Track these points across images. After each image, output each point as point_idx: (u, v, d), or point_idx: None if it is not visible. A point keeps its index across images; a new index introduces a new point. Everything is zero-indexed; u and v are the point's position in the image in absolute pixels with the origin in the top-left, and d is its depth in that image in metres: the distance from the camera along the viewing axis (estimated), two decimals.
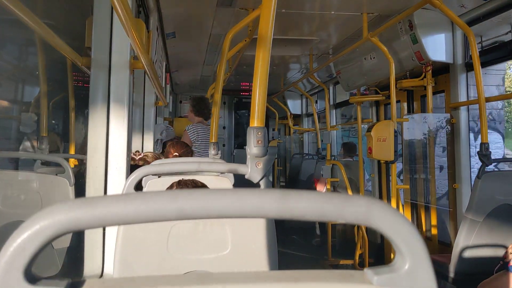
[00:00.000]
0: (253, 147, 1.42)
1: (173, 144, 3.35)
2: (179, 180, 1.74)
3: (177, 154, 3.18)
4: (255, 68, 1.47)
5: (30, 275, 0.47)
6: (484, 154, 2.96)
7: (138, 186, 1.73)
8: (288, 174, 9.02)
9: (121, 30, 2.08)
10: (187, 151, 3.27)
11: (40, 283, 0.47)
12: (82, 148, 3.06)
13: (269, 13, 1.43)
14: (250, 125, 1.45)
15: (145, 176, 1.61)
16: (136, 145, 4.19)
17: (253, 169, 1.41)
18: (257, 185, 1.49)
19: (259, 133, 1.43)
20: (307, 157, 8.19)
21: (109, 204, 0.46)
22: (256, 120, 1.44)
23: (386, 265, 0.54)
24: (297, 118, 9.07)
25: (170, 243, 1.41)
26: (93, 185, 2.17)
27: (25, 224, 0.46)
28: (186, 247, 1.42)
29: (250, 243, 1.48)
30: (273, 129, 9.30)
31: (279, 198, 0.48)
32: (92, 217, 0.46)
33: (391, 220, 0.49)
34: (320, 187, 6.35)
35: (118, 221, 0.46)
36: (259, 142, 1.42)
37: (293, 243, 6.48)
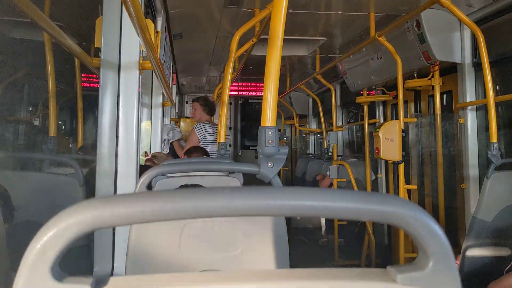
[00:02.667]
0: (264, 147, 1.42)
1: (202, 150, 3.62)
2: (181, 186, 1.73)
3: (205, 156, 3.46)
4: (266, 68, 1.47)
5: (56, 272, 0.47)
6: (493, 154, 2.94)
7: (148, 187, 1.73)
8: (294, 175, 9.01)
9: (131, 30, 2.09)
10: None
11: (66, 280, 0.47)
12: (91, 149, 3.07)
13: (280, 13, 1.43)
14: (262, 125, 1.45)
15: (156, 176, 1.62)
16: (143, 145, 4.21)
17: (265, 168, 1.41)
18: (267, 184, 1.49)
19: (271, 132, 1.43)
20: (313, 157, 8.18)
21: (135, 202, 0.46)
22: (267, 119, 1.44)
23: (408, 264, 0.54)
24: (303, 118, 9.06)
25: (182, 242, 1.41)
26: (103, 186, 2.18)
27: (52, 222, 0.47)
28: (198, 246, 1.42)
29: (261, 242, 1.47)
30: (279, 130, 9.29)
31: (313, 196, 0.48)
32: (118, 215, 0.46)
33: (416, 219, 0.49)
34: (323, 184, 6.32)
35: (144, 219, 0.46)
36: (271, 141, 1.42)
37: (300, 243, 6.47)
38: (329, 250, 5.86)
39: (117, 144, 2.20)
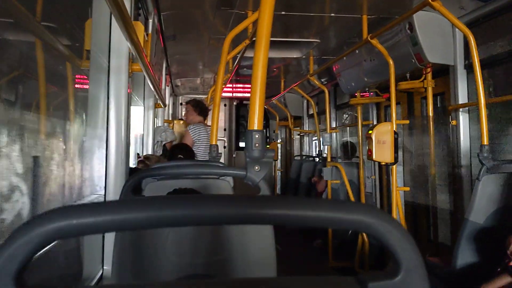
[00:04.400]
0: (251, 150, 1.41)
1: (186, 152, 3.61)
2: (174, 190, 1.73)
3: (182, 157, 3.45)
4: (253, 71, 1.47)
5: (21, 282, 0.46)
6: (484, 156, 2.95)
7: (138, 189, 1.72)
8: (289, 177, 9.01)
9: (120, 33, 2.08)
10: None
11: None
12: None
13: (267, 15, 1.43)
14: (249, 128, 1.44)
15: (142, 179, 1.61)
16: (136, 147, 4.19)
17: (251, 172, 1.40)
18: (255, 188, 1.48)
19: (257, 136, 1.42)
20: (307, 159, 8.18)
21: (100, 211, 0.46)
22: (254, 123, 1.43)
23: (380, 272, 0.53)
24: (297, 119, 9.07)
25: (168, 247, 1.40)
26: (92, 188, 2.17)
27: (17, 231, 0.46)
28: (185, 251, 1.42)
29: (248, 248, 1.47)
30: (274, 131, 9.28)
31: (281, 204, 0.48)
32: (83, 224, 0.45)
33: (387, 228, 0.49)
34: (321, 187, 6.34)
35: (109, 228, 0.46)
36: (257, 145, 1.42)
37: (294, 245, 6.46)
38: (324, 251, 5.86)
39: (106, 147, 2.19)
